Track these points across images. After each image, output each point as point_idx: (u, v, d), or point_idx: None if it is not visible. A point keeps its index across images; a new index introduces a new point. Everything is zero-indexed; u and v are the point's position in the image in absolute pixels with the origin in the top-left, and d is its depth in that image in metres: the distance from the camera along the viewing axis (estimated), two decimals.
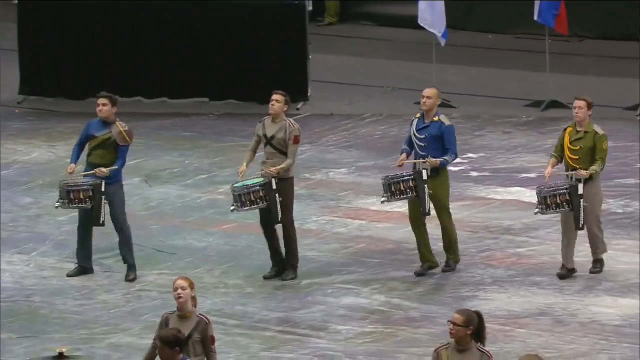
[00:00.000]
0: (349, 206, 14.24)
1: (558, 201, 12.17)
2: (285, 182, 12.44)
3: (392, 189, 12.32)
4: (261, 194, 12.32)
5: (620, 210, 14.00)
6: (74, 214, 12.83)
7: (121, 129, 12.41)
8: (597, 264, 12.58)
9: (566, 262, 12.48)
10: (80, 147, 12.55)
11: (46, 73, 17.33)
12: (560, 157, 12.42)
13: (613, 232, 13.41)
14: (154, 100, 17.40)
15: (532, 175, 14.94)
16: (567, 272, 12.46)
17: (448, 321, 8.77)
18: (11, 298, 12.29)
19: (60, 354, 9.55)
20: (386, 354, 11.28)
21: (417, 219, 12.54)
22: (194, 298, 9.38)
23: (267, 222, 12.58)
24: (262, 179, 12.35)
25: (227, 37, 17.03)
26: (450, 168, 15.05)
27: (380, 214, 13.99)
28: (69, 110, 16.87)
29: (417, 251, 12.83)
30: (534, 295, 12.22)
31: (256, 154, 12.75)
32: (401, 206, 13.96)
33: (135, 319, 11.90)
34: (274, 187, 12.30)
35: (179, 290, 9.27)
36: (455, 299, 12.02)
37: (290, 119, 12.66)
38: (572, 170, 12.26)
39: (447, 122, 12.46)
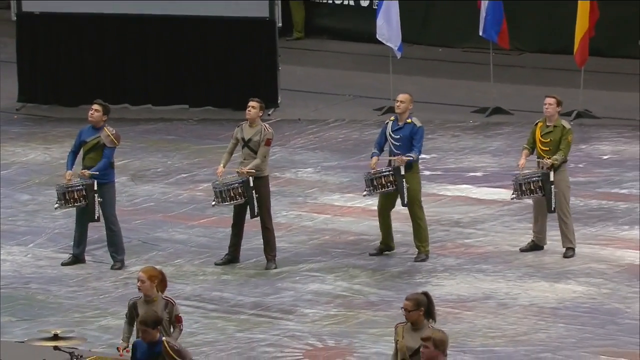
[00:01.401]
0: (315, 202, 14.22)
1: (532, 187, 12.41)
2: (261, 180, 12.47)
3: (374, 184, 12.44)
4: (240, 190, 12.35)
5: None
6: (68, 211, 12.78)
7: (109, 133, 12.39)
8: (570, 251, 12.63)
9: (539, 241, 12.70)
10: (74, 154, 12.54)
11: (42, 82, 17.24)
12: (532, 149, 12.60)
13: (549, 224, 13.41)
14: (139, 107, 17.33)
15: (478, 174, 14.95)
16: (532, 248, 12.68)
17: (401, 308, 8.79)
18: (11, 285, 12.22)
19: (55, 335, 9.47)
20: (348, 334, 11.26)
21: (385, 209, 12.63)
22: (162, 283, 9.45)
23: (239, 218, 12.58)
24: (240, 177, 12.35)
25: (206, 50, 16.98)
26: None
27: (343, 209, 13.97)
28: (63, 116, 16.78)
29: (375, 242, 12.84)
30: (480, 282, 12.23)
31: (232, 156, 12.72)
32: (362, 202, 13.98)
33: (123, 303, 11.78)
34: (251, 184, 12.33)
35: (139, 283, 9.57)
36: (410, 284, 12.02)
37: (266, 124, 12.70)
38: (543, 159, 12.47)
39: (418, 123, 12.59)
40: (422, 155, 15.38)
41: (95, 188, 12.30)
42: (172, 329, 9.54)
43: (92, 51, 17.15)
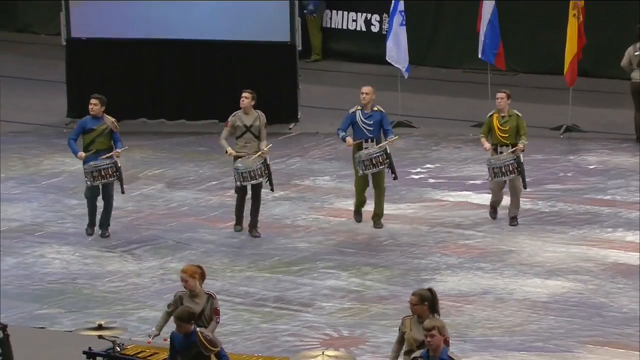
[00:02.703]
0: (331, 207, 14.20)
1: (504, 170, 13.14)
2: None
3: (365, 164, 13.06)
4: (260, 171, 12.98)
5: (548, 210, 13.99)
6: (113, 218, 12.80)
7: (112, 120, 13.23)
8: (514, 220, 13.31)
9: (497, 205, 13.52)
10: (75, 140, 13.18)
11: (88, 100, 17.24)
12: (488, 135, 13.30)
13: (542, 227, 13.42)
14: (174, 121, 17.35)
15: (477, 182, 14.91)
16: (495, 213, 13.54)
17: (408, 302, 8.79)
18: (60, 281, 12.25)
19: (100, 326, 9.48)
20: (361, 325, 11.25)
21: (363, 188, 13.37)
22: (202, 277, 9.47)
23: (256, 194, 13.16)
24: (260, 159, 13.00)
25: (234, 70, 17.00)
26: (412, 176, 15.14)
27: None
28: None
29: (386, 242, 12.84)
30: (479, 278, 12.20)
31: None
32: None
33: (159, 297, 11.86)
34: (268, 162, 13.03)
35: (183, 282, 9.52)
36: (417, 281, 12.00)
37: (259, 111, 13.24)
38: (502, 146, 13.20)
39: (382, 109, 13.40)
40: (427, 165, 15.48)
41: (120, 165, 13.06)
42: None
43: (132, 72, 17.19)
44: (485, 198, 14.32)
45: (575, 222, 13.53)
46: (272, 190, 13.22)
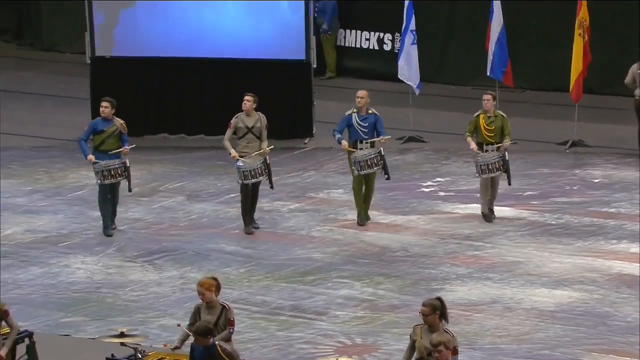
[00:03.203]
0: (345, 218, 14.18)
1: (490, 167, 13.56)
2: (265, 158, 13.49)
3: (361, 164, 13.42)
4: (260, 170, 13.38)
5: (554, 222, 13.94)
6: (135, 230, 12.79)
7: (121, 122, 13.56)
8: (491, 214, 13.75)
9: (485, 209, 13.80)
10: (86, 141, 13.56)
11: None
12: (474, 135, 13.67)
13: (548, 239, 13.37)
14: (194, 136, 17.37)
15: None
16: (490, 214, 13.82)
17: (419, 312, 8.76)
18: (84, 290, 12.26)
19: (122, 333, 9.48)
20: (374, 333, 11.22)
21: (360, 187, 13.68)
22: (217, 289, 9.45)
23: (254, 191, 13.47)
24: (261, 158, 13.32)
25: (252, 87, 16.97)
26: (423, 189, 15.11)
27: (369, 225, 13.93)
28: (130, 145, 16.84)
29: (397, 253, 12.81)
30: (488, 288, 12.16)
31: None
32: (385, 218, 13.95)
33: (179, 305, 11.85)
34: (268, 162, 13.39)
35: (200, 295, 9.50)
36: (428, 290, 11.96)
37: (260, 113, 13.56)
38: (487, 144, 13.61)
39: (376, 112, 13.81)
40: (438, 178, 15.46)
41: (128, 165, 13.42)
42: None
43: (153, 89, 17.23)
44: (494, 210, 14.27)
45: (581, 234, 13.48)
46: (271, 187, 13.56)
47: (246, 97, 13.61)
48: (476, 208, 14.40)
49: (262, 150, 13.34)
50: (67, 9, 21.12)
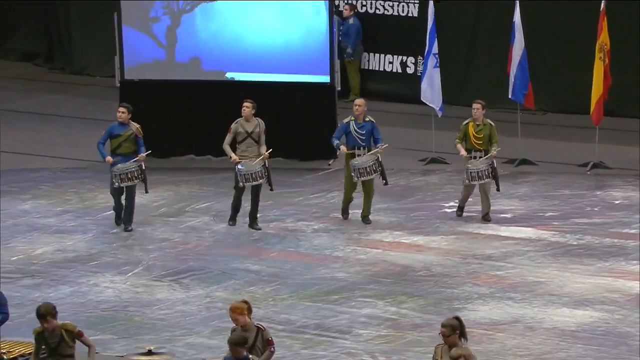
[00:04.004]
0: (368, 238, 14.18)
1: (480, 174, 14.06)
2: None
3: (360, 171, 13.96)
4: (260, 173, 13.88)
5: (575, 243, 13.88)
6: (162, 249, 12.80)
7: (138, 126, 14.01)
8: (488, 215, 14.22)
9: (463, 205, 14.40)
10: (103, 144, 14.12)
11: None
12: (463, 142, 14.21)
13: (569, 259, 13.32)
14: (220, 158, 17.41)
15: (508, 215, 14.85)
16: (461, 212, 14.41)
17: (439, 334, 8.74)
18: (112, 308, 12.29)
19: (149, 351, 9.49)
20: (397, 352, 11.19)
21: (352, 190, 14.33)
22: (249, 311, 9.41)
23: (255, 193, 14.06)
24: (261, 162, 13.85)
25: (277, 109, 17.08)
26: (445, 210, 15.09)
27: (392, 245, 13.92)
28: (157, 166, 16.89)
29: (420, 273, 12.79)
30: (510, 307, 12.11)
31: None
32: (408, 238, 13.93)
33: (205, 324, 11.86)
34: (267, 165, 13.90)
35: (234, 321, 9.43)
36: (450, 309, 11.92)
37: (259, 118, 14.12)
38: (476, 151, 14.14)
39: (373, 120, 14.28)
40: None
41: (144, 168, 13.88)
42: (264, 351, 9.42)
43: (180, 111, 17.30)
44: (515, 230, 14.26)
45: (602, 255, 13.41)
46: (271, 190, 14.08)
47: (245, 103, 14.10)
48: (497, 228, 14.36)
49: (263, 155, 13.81)
50: (97, 33, 21.27)
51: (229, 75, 15.88)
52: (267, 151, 13.85)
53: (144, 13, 16.02)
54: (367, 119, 14.22)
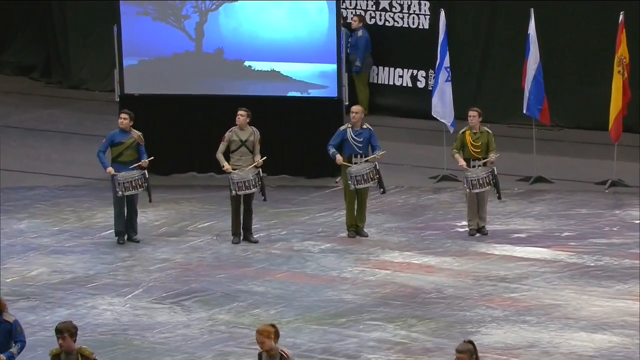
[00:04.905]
0: (377, 259, 14.19)
1: (481, 182, 14.35)
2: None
3: (357, 179, 14.25)
4: (254, 181, 14.19)
5: (593, 264, 13.88)
6: (162, 270, 12.81)
7: (139, 134, 14.23)
8: (484, 229, 14.48)
9: (474, 224, 14.56)
10: (104, 153, 14.28)
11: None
12: (461, 151, 14.48)
13: (587, 281, 13.31)
14: (223, 175, 17.44)
15: (522, 235, 14.85)
16: (474, 232, 14.58)
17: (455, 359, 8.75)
18: (111, 332, 12.31)
19: None
20: None
21: (353, 202, 14.51)
22: (276, 336, 9.36)
23: (248, 203, 14.31)
24: (255, 171, 14.15)
25: (283, 125, 17.14)
26: (457, 229, 15.10)
27: (402, 265, 13.93)
28: (157, 183, 16.91)
29: (431, 295, 12.79)
30: (525, 331, 12.11)
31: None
32: (418, 259, 13.94)
33: (207, 348, 11.87)
34: (260, 174, 14.26)
35: (259, 344, 9.35)
36: (462, 333, 11.92)
37: (253, 127, 14.37)
38: (474, 160, 14.41)
39: (371, 127, 14.54)
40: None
41: (147, 176, 14.16)
42: None
43: (182, 127, 17.36)
44: (530, 251, 14.26)
45: (621, 277, 13.40)
46: (264, 200, 14.38)
47: (240, 111, 14.38)
48: (511, 249, 14.37)
49: (256, 162, 14.12)
50: (96, 46, 21.36)
51: (247, 63, 16.56)
52: (261, 159, 14.15)
53: (177, 11, 16.82)
54: (364, 127, 14.46)
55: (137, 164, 14.10)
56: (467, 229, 14.77)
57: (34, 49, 22.45)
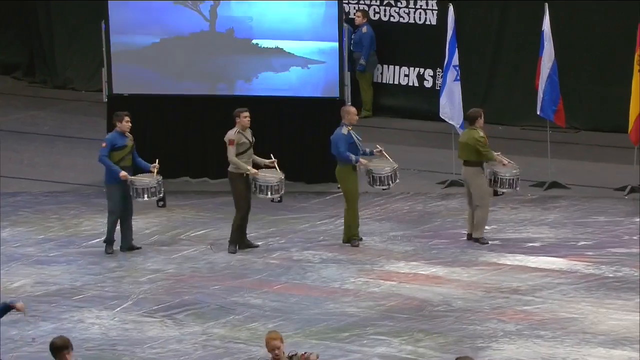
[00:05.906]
0: (381, 269, 14.19)
1: (510, 183, 14.81)
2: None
3: (381, 179, 14.59)
4: (277, 187, 14.50)
5: (612, 275, 13.87)
6: (153, 281, 12.82)
7: (131, 136, 14.47)
8: (480, 240, 14.56)
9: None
10: (108, 157, 14.36)
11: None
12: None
13: (605, 294, 13.29)
14: (218, 180, 17.47)
15: (536, 244, 14.85)
16: (485, 240, 14.69)
17: None
18: (99, 347, 12.30)
19: None
20: None
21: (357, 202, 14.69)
22: (282, 342, 9.42)
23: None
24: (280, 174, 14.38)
25: (283, 126, 17.15)
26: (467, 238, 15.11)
27: (409, 276, 13.93)
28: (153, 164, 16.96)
29: (439, 308, 12.78)
30: (539, 347, 12.10)
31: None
32: (426, 269, 13.93)
33: None
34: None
35: (275, 350, 9.39)
36: (472, 349, 11.91)
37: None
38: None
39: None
40: (485, 227, 15.43)
41: (161, 182, 14.39)
42: None
43: (175, 129, 17.37)
44: (544, 261, 14.25)
45: None
46: (280, 201, 14.68)
47: (245, 113, 14.63)
48: (524, 259, 14.37)
49: (272, 161, 14.54)
50: (83, 44, 21.38)
51: (255, 41, 17.01)
52: (275, 159, 14.55)
53: None
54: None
55: (152, 167, 14.35)
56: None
57: (16, 47, 22.47)
